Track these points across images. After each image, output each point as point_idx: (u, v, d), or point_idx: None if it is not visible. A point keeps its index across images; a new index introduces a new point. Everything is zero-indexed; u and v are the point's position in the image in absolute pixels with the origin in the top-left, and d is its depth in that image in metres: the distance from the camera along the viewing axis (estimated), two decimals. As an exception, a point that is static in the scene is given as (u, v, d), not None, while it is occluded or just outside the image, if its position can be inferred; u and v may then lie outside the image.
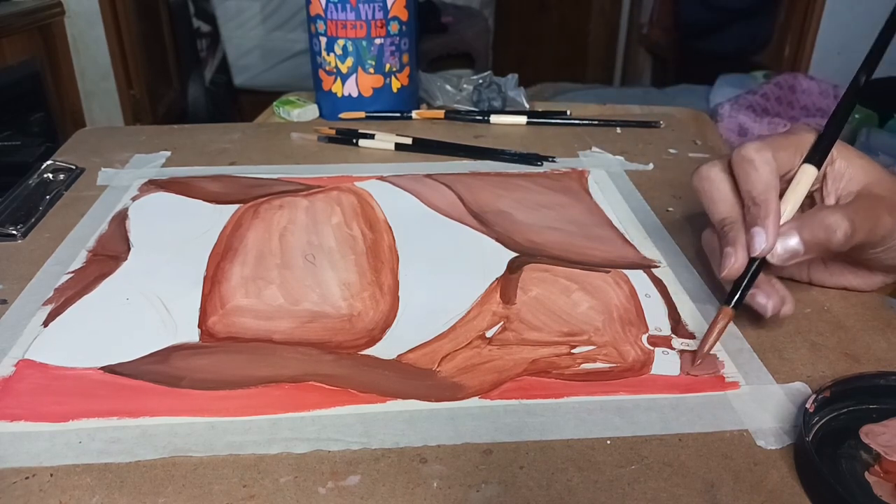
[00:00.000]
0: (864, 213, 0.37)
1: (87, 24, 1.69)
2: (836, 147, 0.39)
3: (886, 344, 0.39)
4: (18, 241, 0.49)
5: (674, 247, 0.49)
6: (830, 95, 1.71)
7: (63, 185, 0.58)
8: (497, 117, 0.75)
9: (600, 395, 0.35)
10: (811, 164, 0.38)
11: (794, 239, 0.36)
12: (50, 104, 1.59)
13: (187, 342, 0.39)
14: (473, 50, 2.27)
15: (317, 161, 0.64)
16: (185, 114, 2.23)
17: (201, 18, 2.37)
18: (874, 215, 0.38)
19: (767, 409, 0.34)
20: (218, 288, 0.43)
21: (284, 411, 0.34)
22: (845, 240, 0.36)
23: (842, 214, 0.36)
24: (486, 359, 0.37)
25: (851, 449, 0.31)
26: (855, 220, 0.37)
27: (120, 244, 0.49)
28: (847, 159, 0.39)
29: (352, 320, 0.41)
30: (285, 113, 0.81)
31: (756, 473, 0.30)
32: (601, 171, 0.61)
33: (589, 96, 1.93)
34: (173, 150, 0.65)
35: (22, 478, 0.30)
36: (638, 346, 0.38)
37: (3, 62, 1.42)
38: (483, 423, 0.33)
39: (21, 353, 0.37)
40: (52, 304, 0.42)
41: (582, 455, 0.31)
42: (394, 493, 0.29)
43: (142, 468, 0.31)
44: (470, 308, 0.42)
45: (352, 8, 0.72)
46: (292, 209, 0.53)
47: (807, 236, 0.36)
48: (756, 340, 0.39)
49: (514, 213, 0.53)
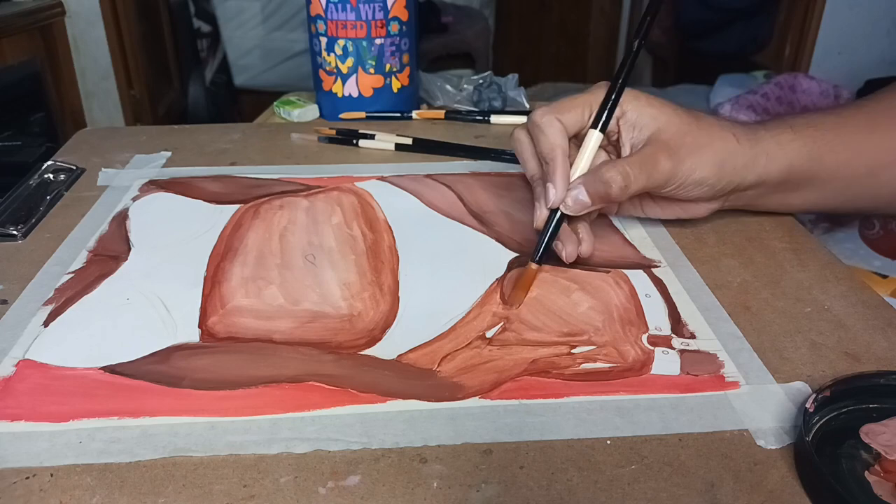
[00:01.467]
0: (641, 164, 0.42)
1: (88, 24, 1.69)
2: (627, 100, 0.44)
3: (887, 343, 0.39)
4: (19, 242, 0.49)
5: (674, 247, 0.49)
6: (830, 95, 1.71)
7: (63, 186, 0.58)
8: (497, 117, 0.75)
9: (600, 395, 0.35)
10: (595, 130, 0.43)
11: (581, 191, 0.42)
12: (50, 104, 1.58)
13: (187, 342, 0.39)
14: (473, 50, 2.27)
15: (317, 161, 0.64)
16: (185, 114, 2.23)
17: (201, 18, 2.37)
18: (651, 163, 0.42)
19: (767, 409, 0.34)
20: (218, 288, 0.43)
21: (284, 411, 0.34)
22: (621, 192, 0.42)
23: (617, 170, 0.42)
24: (486, 359, 0.37)
25: (851, 448, 0.31)
26: (629, 173, 0.42)
27: (120, 244, 0.49)
28: (638, 109, 0.44)
29: (352, 320, 0.41)
30: (285, 113, 0.81)
31: (756, 473, 0.30)
32: (601, 171, 0.61)
33: (589, 96, 1.93)
34: (173, 151, 0.65)
35: (22, 478, 0.30)
36: (638, 346, 0.38)
37: (4, 62, 1.42)
38: (483, 423, 0.33)
39: (21, 353, 0.38)
40: (52, 304, 0.42)
41: (582, 455, 0.31)
42: (394, 493, 0.29)
43: (142, 468, 0.31)
44: (470, 308, 0.42)
45: (352, 8, 0.72)
46: (292, 209, 0.53)
47: (590, 189, 0.42)
48: (756, 340, 0.39)
49: (514, 213, 0.53)
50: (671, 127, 0.43)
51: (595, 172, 0.43)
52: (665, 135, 0.43)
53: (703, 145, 0.44)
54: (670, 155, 0.43)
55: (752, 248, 0.49)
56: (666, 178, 0.43)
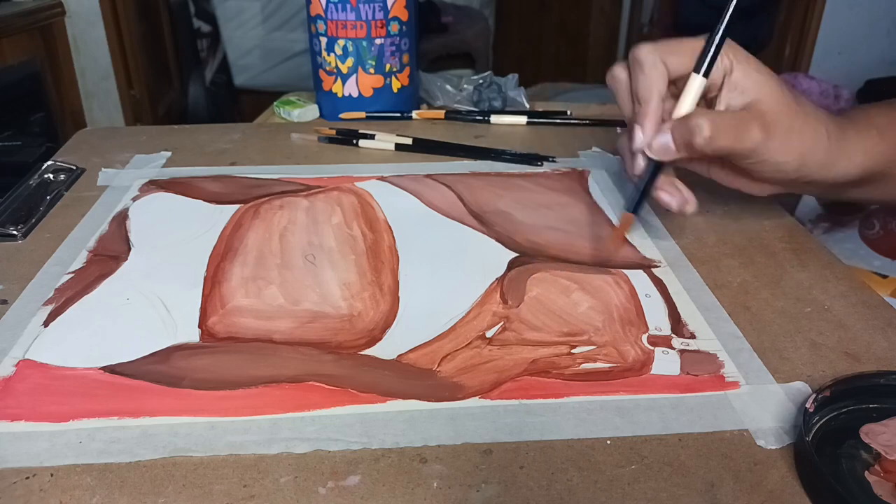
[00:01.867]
0: (733, 122, 0.41)
1: (88, 24, 1.69)
2: (738, 59, 0.42)
3: (887, 343, 0.39)
4: (19, 242, 0.49)
5: (674, 247, 0.49)
6: (831, 95, 1.71)
7: (63, 186, 0.58)
8: (497, 117, 0.75)
9: (600, 395, 0.35)
10: (697, 74, 0.42)
11: (667, 136, 0.42)
12: (50, 104, 1.58)
13: (187, 342, 0.39)
14: (473, 50, 2.27)
15: (317, 161, 0.64)
16: (185, 114, 2.23)
17: (201, 18, 2.37)
18: (743, 126, 0.41)
19: (767, 409, 0.34)
20: (218, 288, 0.43)
21: (284, 411, 0.34)
22: (705, 142, 0.40)
23: (706, 119, 0.40)
24: (486, 359, 0.37)
25: (851, 448, 0.31)
26: (719, 125, 0.40)
27: (120, 244, 0.49)
28: (745, 72, 0.42)
29: (352, 320, 0.41)
30: (285, 113, 0.81)
31: (756, 473, 0.30)
32: (601, 171, 0.61)
33: (589, 96, 1.93)
34: (173, 151, 0.65)
35: (22, 478, 0.30)
36: (638, 346, 0.38)
37: (4, 62, 1.42)
38: (483, 423, 0.33)
39: (21, 353, 0.38)
40: (52, 304, 0.42)
41: (582, 455, 0.31)
42: (394, 493, 0.29)
43: (142, 468, 0.31)
44: (470, 308, 0.42)
45: (352, 8, 0.72)
46: (292, 209, 0.53)
47: (676, 135, 0.41)
48: (756, 340, 0.39)
49: (514, 213, 0.53)
50: (772, 100, 0.42)
51: (684, 118, 0.41)
52: (764, 105, 0.42)
53: (795, 130, 0.42)
54: (764, 127, 0.41)
55: (752, 248, 0.49)
56: (751, 148, 0.41)
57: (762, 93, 0.42)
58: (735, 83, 0.42)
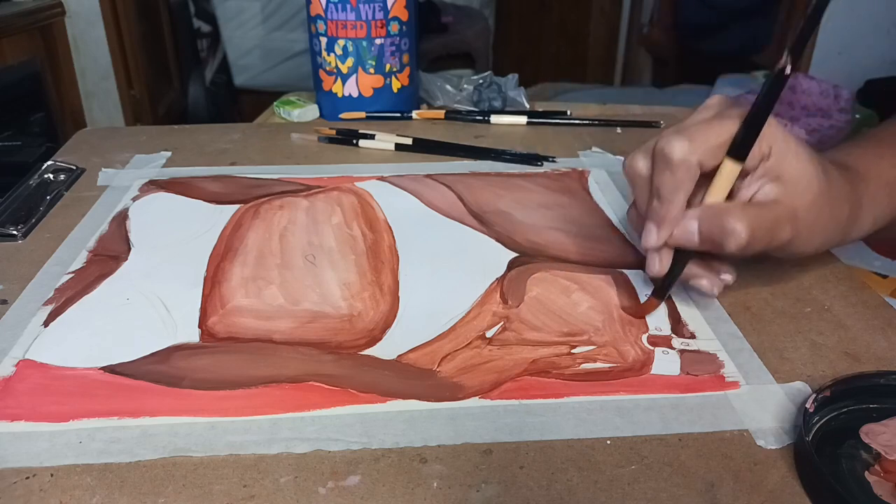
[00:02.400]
0: (769, 224, 0.37)
1: (88, 24, 1.69)
2: (776, 143, 0.37)
3: (887, 343, 0.39)
4: (19, 242, 0.49)
5: (674, 247, 0.49)
6: (830, 95, 1.71)
7: (63, 186, 0.58)
8: (497, 117, 0.75)
9: (600, 395, 0.35)
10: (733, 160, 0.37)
11: (693, 225, 0.37)
12: (50, 104, 1.58)
13: (187, 342, 0.39)
14: (473, 50, 2.27)
15: (317, 161, 0.64)
16: (185, 114, 2.23)
17: (201, 18, 2.37)
18: (777, 228, 0.37)
19: (767, 409, 0.34)
20: (218, 288, 0.43)
21: (284, 411, 0.34)
22: (738, 250, 0.36)
23: (745, 225, 0.36)
24: (486, 359, 0.37)
25: (851, 448, 0.31)
26: (756, 232, 0.36)
27: (120, 244, 0.49)
28: (783, 159, 0.37)
29: (352, 320, 0.41)
30: (285, 113, 0.81)
31: (756, 473, 0.30)
32: (601, 171, 0.61)
33: (589, 96, 1.93)
34: (173, 151, 0.66)
35: (22, 478, 0.30)
36: (638, 346, 0.38)
37: (4, 62, 1.42)
38: (483, 423, 0.33)
39: (21, 353, 0.38)
40: (52, 304, 0.42)
41: (582, 455, 0.31)
42: (394, 493, 0.29)
43: (142, 468, 0.31)
44: (470, 308, 0.42)
45: (352, 8, 0.72)
46: (292, 209, 0.53)
47: (704, 229, 0.37)
48: (756, 340, 0.39)
49: (514, 213, 0.53)
50: (807, 194, 0.37)
51: (717, 214, 0.36)
52: (798, 199, 0.37)
53: (821, 223, 0.39)
54: (794, 226, 0.37)
55: (752, 248, 0.49)
56: (777, 247, 0.38)
57: (798, 184, 0.37)
58: (770, 169, 0.37)
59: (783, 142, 0.37)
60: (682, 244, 0.38)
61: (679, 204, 0.38)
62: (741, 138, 0.36)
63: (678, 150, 0.36)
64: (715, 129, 0.37)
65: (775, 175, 0.37)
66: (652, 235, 0.38)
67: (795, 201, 0.37)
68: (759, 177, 0.38)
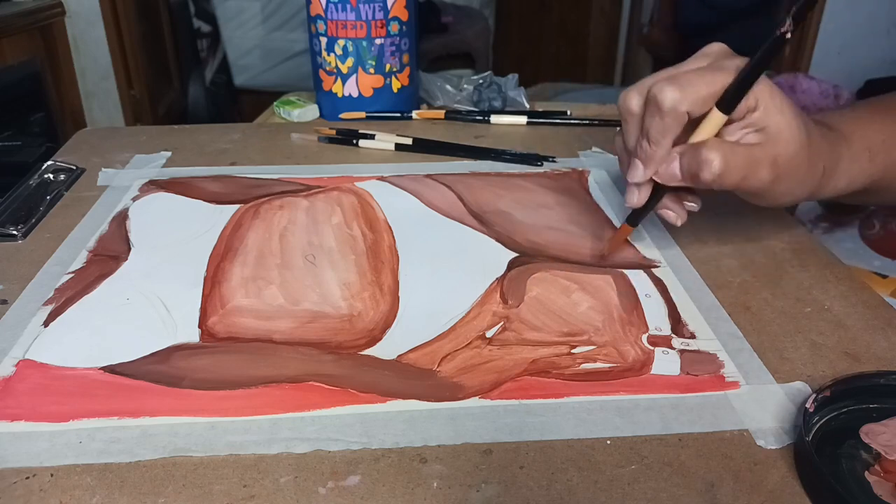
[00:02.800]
0: (745, 160, 0.39)
1: (88, 24, 1.69)
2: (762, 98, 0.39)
3: (887, 343, 0.39)
4: (19, 242, 0.49)
5: (674, 247, 0.49)
6: (830, 95, 1.71)
7: (63, 186, 0.58)
8: (497, 117, 0.75)
9: (600, 395, 0.35)
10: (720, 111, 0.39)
11: (675, 164, 0.40)
12: (50, 104, 1.58)
13: (187, 342, 0.39)
14: (473, 50, 2.27)
15: (317, 161, 0.64)
16: (185, 114, 2.23)
17: (201, 18, 2.37)
18: (754, 167, 0.39)
19: (767, 409, 0.34)
20: (218, 288, 0.43)
21: (284, 411, 0.34)
22: (713, 178, 0.39)
23: (718, 154, 0.38)
24: (486, 359, 0.37)
25: (851, 449, 0.31)
26: (730, 162, 0.38)
27: (120, 244, 0.49)
28: (768, 113, 0.39)
29: (352, 320, 0.41)
30: (285, 113, 0.81)
31: (756, 473, 0.30)
32: (601, 171, 0.61)
33: (589, 96, 1.93)
34: (173, 151, 0.65)
35: (22, 478, 0.30)
36: (638, 346, 0.38)
37: (4, 62, 1.42)
38: (483, 423, 0.33)
39: (21, 353, 0.38)
40: (52, 304, 0.42)
41: (582, 455, 0.31)
42: (394, 493, 0.29)
43: (142, 468, 0.31)
44: (470, 308, 0.42)
45: (352, 8, 0.72)
46: (292, 209, 0.53)
47: (684, 164, 0.40)
48: (756, 340, 0.39)
49: (514, 213, 0.53)
50: (789, 144, 0.39)
51: (695, 148, 0.39)
52: (779, 148, 0.39)
53: (801, 173, 0.41)
54: (774, 169, 0.39)
55: (752, 248, 0.49)
56: (756, 189, 0.40)
57: (781, 135, 0.39)
58: (755, 121, 0.40)
59: (770, 97, 0.39)
60: (665, 182, 0.41)
61: (666, 146, 0.40)
62: (731, 93, 0.38)
63: (669, 99, 0.38)
64: (707, 80, 0.39)
65: (760, 127, 0.40)
66: (638, 171, 0.41)
67: (776, 147, 0.39)
68: (744, 126, 0.40)
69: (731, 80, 0.38)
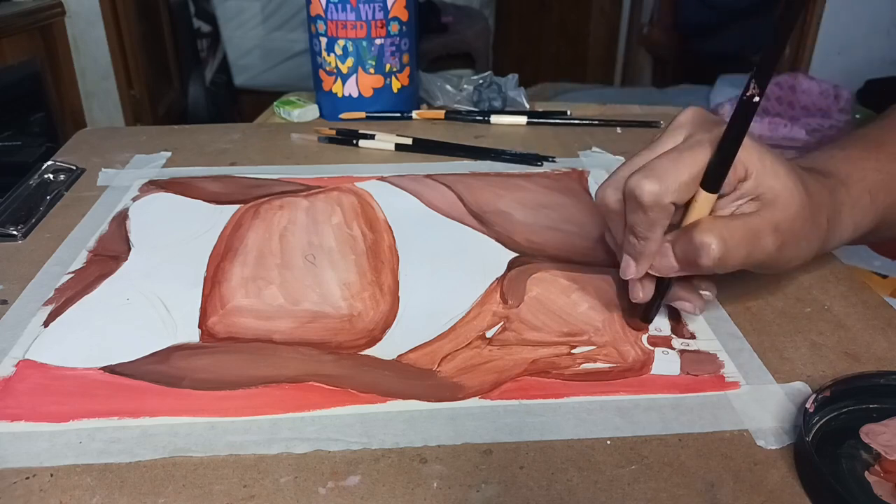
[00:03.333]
0: (745, 236, 0.35)
1: (88, 24, 1.69)
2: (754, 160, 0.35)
3: (887, 343, 0.39)
4: (19, 242, 0.49)
5: (674, 247, 0.49)
6: (830, 95, 1.71)
7: (63, 186, 0.58)
8: (497, 117, 0.75)
9: (600, 395, 0.35)
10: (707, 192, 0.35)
11: (670, 255, 0.36)
12: (50, 104, 1.58)
13: (187, 342, 0.39)
14: (473, 50, 2.27)
15: (317, 161, 0.64)
16: (185, 114, 2.23)
17: (201, 18, 2.37)
18: (756, 240, 0.35)
19: (767, 409, 0.34)
20: (218, 288, 0.43)
21: (284, 411, 0.34)
22: (714, 265, 0.35)
23: (715, 235, 0.34)
24: (486, 359, 0.37)
25: (851, 449, 0.31)
26: (729, 243, 0.35)
27: (120, 244, 0.49)
28: (760, 178, 0.36)
29: (352, 320, 0.41)
30: (285, 113, 0.81)
31: (756, 473, 0.30)
32: (601, 171, 0.61)
33: (589, 96, 1.93)
34: (173, 151, 0.65)
35: (22, 478, 0.30)
36: (638, 346, 0.38)
37: (4, 62, 1.42)
38: (483, 423, 0.33)
39: (21, 353, 0.38)
40: (52, 304, 0.42)
41: (582, 455, 0.31)
42: (394, 493, 0.29)
43: (142, 468, 0.31)
44: (470, 308, 0.42)
45: (352, 8, 0.72)
46: (292, 209, 0.53)
47: (679, 253, 0.36)
48: (756, 340, 0.39)
49: (514, 213, 0.53)
50: (789, 207, 0.36)
51: (687, 233, 0.35)
52: (778, 211, 0.36)
53: (804, 236, 0.37)
54: (777, 236, 0.36)
55: (752, 248, 0.49)
56: (762, 260, 0.36)
57: (778, 199, 0.36)
58: (748, 190, 0.36)
59: (759, 162, 0.36)
60: (664, 274, 0.37)
61: (656, 240, 0.37)
62: (714, 170, 0.35)
63: (648, 194, 0.35)
64: (686, 163, 0.35)
65: (754, 195, 0.36)
66: (630, 268, 0.38)
67: (775, 213, 0.36)
68: (737, 197, 0.37)
69: (710, 155, 0.35)
